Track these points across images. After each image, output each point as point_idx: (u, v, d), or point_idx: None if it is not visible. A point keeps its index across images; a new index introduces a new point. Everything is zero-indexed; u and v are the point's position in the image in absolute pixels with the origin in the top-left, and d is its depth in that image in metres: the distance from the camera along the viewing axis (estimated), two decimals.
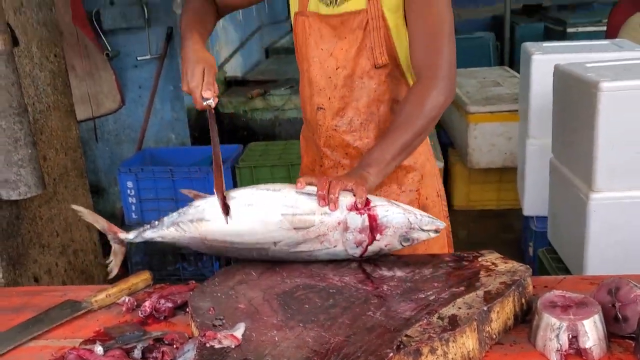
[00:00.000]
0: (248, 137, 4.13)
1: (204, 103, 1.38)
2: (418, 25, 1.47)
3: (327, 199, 1.28)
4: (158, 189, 3.43)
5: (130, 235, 1.41)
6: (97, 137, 4.23)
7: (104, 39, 4.11)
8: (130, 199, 3.49)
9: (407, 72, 1.57)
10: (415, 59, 1.49)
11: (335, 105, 1.58)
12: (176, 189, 3.41)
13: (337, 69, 1.56)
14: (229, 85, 4.32)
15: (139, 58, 4.20)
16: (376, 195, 1.51)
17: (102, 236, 3.41)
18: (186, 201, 1.41)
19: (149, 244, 1.46)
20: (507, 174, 3.99)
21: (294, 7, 1.62)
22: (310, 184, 1.33)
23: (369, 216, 1.28)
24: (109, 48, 4.11)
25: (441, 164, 4.01)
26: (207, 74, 1.38)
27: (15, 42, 1.56)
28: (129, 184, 3.45)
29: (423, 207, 1.65)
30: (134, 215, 3.50)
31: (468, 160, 4.05)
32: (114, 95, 3.90)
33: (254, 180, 3.56)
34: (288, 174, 3.35)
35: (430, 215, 1.34)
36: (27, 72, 1.75)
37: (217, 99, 1.40)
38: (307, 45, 1.59)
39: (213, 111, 1.41)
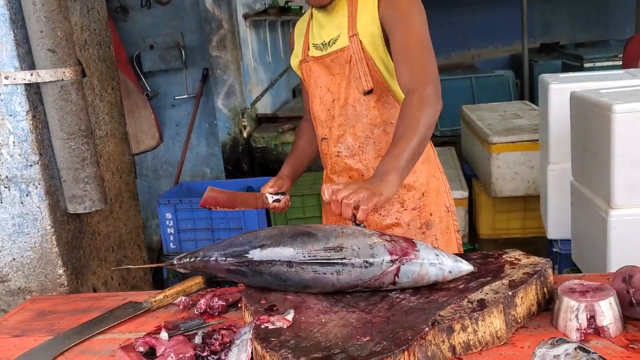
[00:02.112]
0: (279, 169, 4.28)
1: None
2: (401, 45, 1.59)
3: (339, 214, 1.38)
4: (195, 219, 3.58)
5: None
6: (136, 173, 4.42)
7: (143, 80, 4.36)
8: (168, 230, 3.63)
9: (400, 96, 1.70)
10: (402, 76, 1.59)
11: (335, 134, 1.78)
12: (212, 219, 3.57)
13: (333, 101, 1.76)
14: (260, 121, 4.52)
15: (176, 97, 4.44)
16: (380, 213, 1.74)
17: (151, 255, 3.50)
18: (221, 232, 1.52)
19: (185, 275, 1.56)
20: (531, 202, 4.06)
21: (297, 58, 1.86)
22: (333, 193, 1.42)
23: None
24: (148, 89, 4.35)
25: (465, 193, 4.13)
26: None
27: (83, 73, 1.77)
28: (168, 215, 3.60)
29: (427, 224, 1.78)
30: (172, 245, 3.65)
31: (492, 189, 4.13)
32: (153, 133, 4.09)
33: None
34: (318, 202, 3.50)
35: (462, 264, 1.31)
36: (90, 102, 1.94)
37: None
38: (310, 86, 1.82)
39: None
